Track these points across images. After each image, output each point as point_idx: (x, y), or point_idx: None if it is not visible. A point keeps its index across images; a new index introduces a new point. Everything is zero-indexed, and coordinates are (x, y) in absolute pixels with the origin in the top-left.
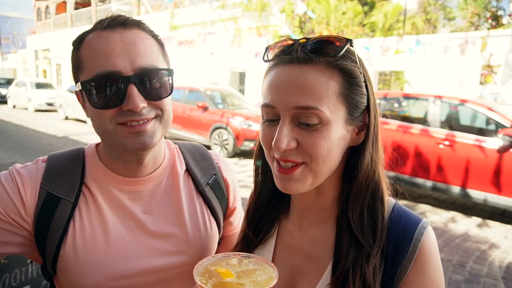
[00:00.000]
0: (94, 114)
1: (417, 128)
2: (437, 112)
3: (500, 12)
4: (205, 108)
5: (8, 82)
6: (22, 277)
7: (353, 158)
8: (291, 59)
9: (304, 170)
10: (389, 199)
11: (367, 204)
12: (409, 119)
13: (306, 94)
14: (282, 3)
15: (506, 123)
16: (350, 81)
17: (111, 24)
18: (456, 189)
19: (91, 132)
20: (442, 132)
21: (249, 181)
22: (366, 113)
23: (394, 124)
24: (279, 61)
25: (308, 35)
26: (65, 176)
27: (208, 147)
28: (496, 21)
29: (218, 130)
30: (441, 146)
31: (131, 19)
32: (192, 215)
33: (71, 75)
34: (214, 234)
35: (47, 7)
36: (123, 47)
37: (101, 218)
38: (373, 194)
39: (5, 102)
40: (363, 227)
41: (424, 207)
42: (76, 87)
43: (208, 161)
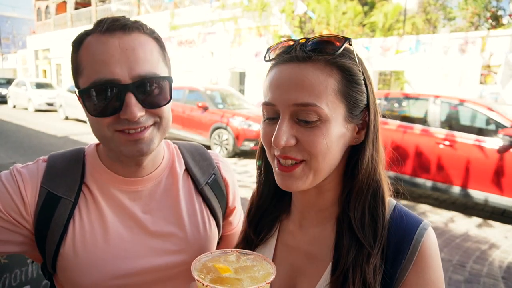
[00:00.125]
0: (92, 121)
1: (417, 128)
2: (437, 112)
3: (500, 12)
4: (205, 108)
5: (8, 82)
6: (22, 277)
7: (354, 157)
8: (291, 58)
9: (305, 168)
10: (390, 200)
11: (368, 204)
12: (409, 119)
13: (305, 91)
14: (282, 3)
15: (506, 123)
16: (349, 79)
17: (111, 28)
18: (456, 189)
19: (91, 132)
20: (442, 132)
21: (249, 181)
22: (366, 112)
23: (394, 124)
24: (279, 61)
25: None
26: (65, 176)
27: (208, 147)
28: (496, 21)
29: (218, 130)
30: (441, 146)
31: (131, 23)
32: (191, 215)
33: (71, 76)
34: (214, 234)
35: (47, 7)
36: (122, 54)
37: (101, 218)
38: (374, 194)
39: (5, 102)
40: (364, 227)
41: (424, 207)
42: (76, 92)
43: (208, 161)
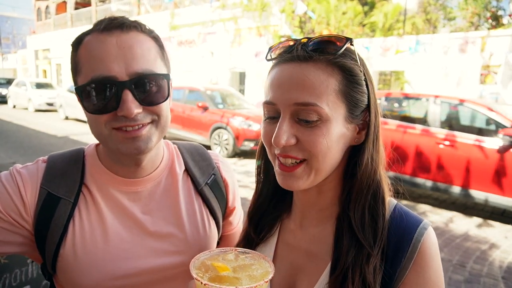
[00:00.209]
0: (90, 118)
1: (417, 128)
2: (437, 112)
3: (500, 12)
4: (205, 108)
5: (8, 82)
6: (22, 277)
7: (354, 158)
8: (292, 57)
9: (306, 168)
10: (391, 200)
11: (368, 204)
12: (409, 119)
13: (306, 91)
14: (282, 3)
15: (506, 123)
16: (350, 79)
17: (108, 27)
18: (457, 189)
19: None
20: (442, 132)
21: (249, 181)
22: (367, 112)
23: (394, 124)
24: (281, 60)
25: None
26: (65, 176)
27: (208, 147)
28: (496, 21)
29: (218, 130)
30: (441, 146)
31: (129, 22)
32: (191, 215)
33: (71, 76)
34: (213, 234)
35: (47, 7)
36: (119, 51)
37: (101, 218)
38: (374, 194)
39: (5, 102)
40: (364, 227)
41: (424, 207)
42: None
43: (207, 161)
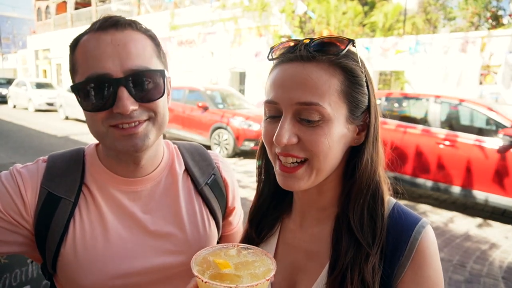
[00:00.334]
0: (87, 116)
1: (418, 128)
2: (437, 112)
3: (500, 12)
4: (205, 108)
5: (9, 82)
6: (23, 277)
7: (354, 158)
8: (295, 57)
9: (307, 169)
10: (390, 199)
11: (368, 204)
12: (410, 119)
13: (308, 91)
14: (282, 3)
15: (506, 123)
16: (352, 80)
17: (103, 26)
18: (457, 189)
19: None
20: (442, 132)
21: (249, 181)
22: (367, 113)
23: (394, 124)
24: (283, 60)
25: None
26: (65, 176)
27: (208, 147)
28: (496, 21)
29: (218, 130)
30: (441, 146)
31: (123, 20)
32: (191, 215)
33: (70, 77)
34: (213, 234)
35: (47, 7)
36: (114, 49)
37: (101, 218)
38: (374, 195)
39: (6, 102)
40: (363, 227)
41: (424, 207)
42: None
43: (207, 161)
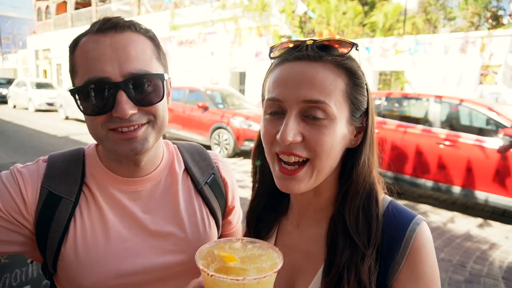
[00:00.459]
0: (87, 119)
1: (418, 128)
2: (438, 112)
3: (500, 12)
4: (205, 108)
5: (9, 82)
6: (23, 277)
7: (350, 160)
8: (301, 56)
9: (308, 170)
10: (385, 197)
11: (363, 206)
12: (410, 119)
13: (316, 89)
14: (282, 3)
15: (506, 123)
16: (355, 82)
17: (103, 28)
18: (457, 189)
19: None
20: (443, 132)
21: (249, 181)
22: (365, 116)
23: (394, 124)
24: (288, 58)
25: (308, 35)
26: (66, 176)
27: (208, 147)
28: (497, 21)
29: (219, 130)
30: (442, 146)
31: (123, 22)
32: (191, 214)
33: (70, 78)
34: (213, 233)
35: (48, 7)
36: (113, 52)
37: (101, 217)
38: (368, 196)
39: (6, 102)
40: (359, 228)
41: (425, 207)
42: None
43: (207, 161)
